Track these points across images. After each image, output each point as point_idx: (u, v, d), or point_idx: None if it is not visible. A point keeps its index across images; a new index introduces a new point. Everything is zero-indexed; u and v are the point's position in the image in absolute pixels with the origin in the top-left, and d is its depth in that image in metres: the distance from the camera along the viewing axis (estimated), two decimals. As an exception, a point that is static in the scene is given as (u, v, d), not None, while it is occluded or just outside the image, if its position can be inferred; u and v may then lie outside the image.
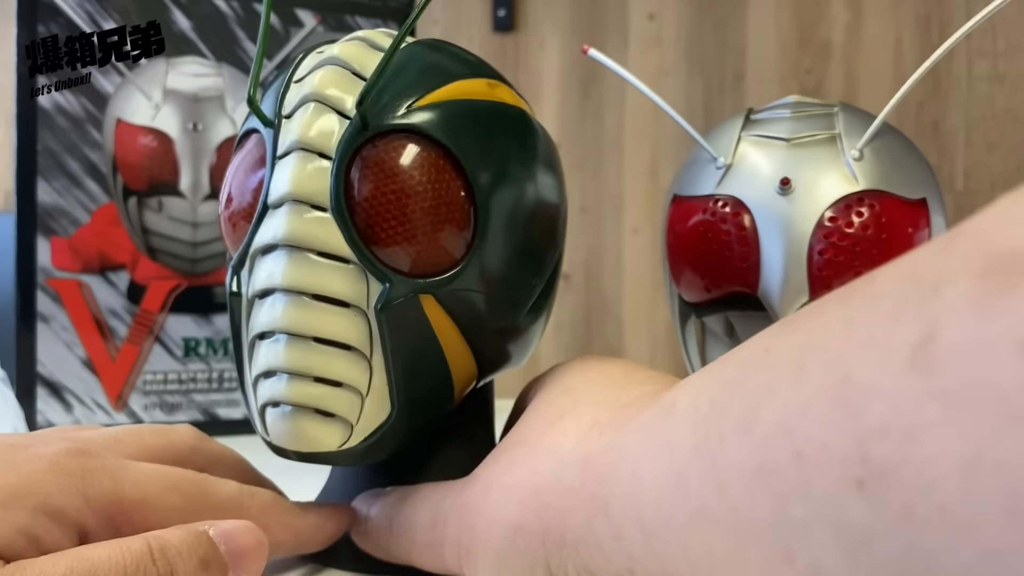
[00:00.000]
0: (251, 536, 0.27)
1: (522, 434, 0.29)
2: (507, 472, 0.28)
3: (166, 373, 0.60)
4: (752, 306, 0.37)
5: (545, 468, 0.27)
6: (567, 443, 0.27)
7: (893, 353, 0.16)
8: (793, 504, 0.17)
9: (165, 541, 0.24)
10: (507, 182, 0.31)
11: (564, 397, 0.30)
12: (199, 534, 0.25)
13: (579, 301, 1.78)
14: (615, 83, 1.75)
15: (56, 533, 0.24)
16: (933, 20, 1.59)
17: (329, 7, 0.63)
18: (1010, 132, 1.56)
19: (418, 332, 0.31)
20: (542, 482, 0.27)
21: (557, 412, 0.29)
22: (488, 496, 0.28)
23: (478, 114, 0.31)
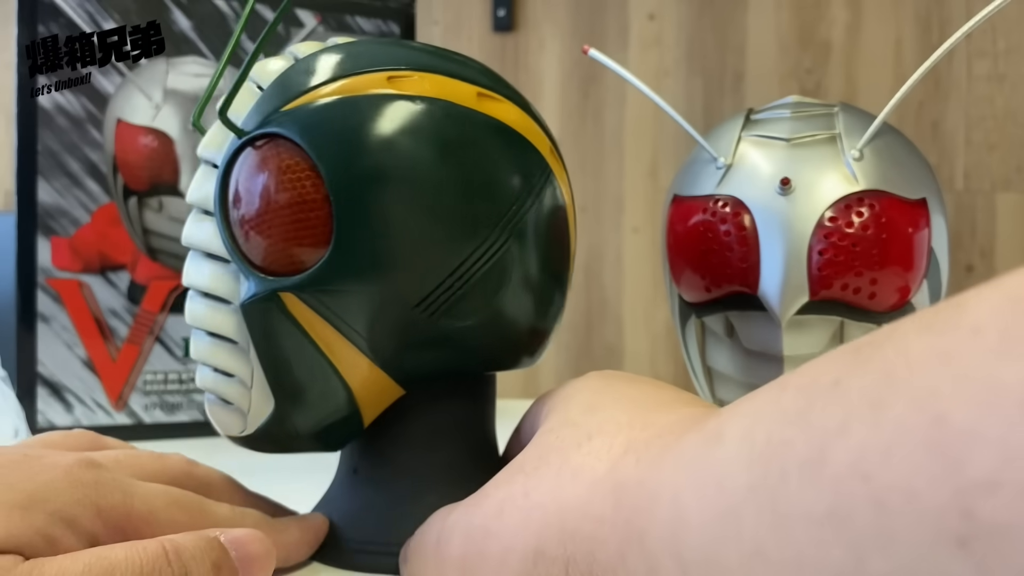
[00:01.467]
0: (260, 544, 0.28)
1: (540, 454, 0.28)
2: (525, 494, 0.27)
3: (166, 373, 0.60)
4: (752, 306, 0.37)
5: (572, 493, 0.25)
6: (599, 467, 0.25)
7: (1002, 395, 0.14)
8: (872, 557, 0.16)
9: (179, 544, 0.26)
10: (377, 180, 0.31)
11: (589, 417, 0.28)
12: (211, 539, 0.27)
13: (579, 301, 1.78)
14: (615, 83, 1.75)
15: (71, 538, 0.25)
16: (933, 20, 1.59)
17: (329, 7, 0.63)
18: (1010, 132, 1.56)
19: (284, 330, 0.32)
20: (568, 507, 0.25)
21: (584, 433, 0.27)
22: (502, 518, 0.27)
23: (350, 113, 0.31)
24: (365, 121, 0.31)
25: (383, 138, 0.31)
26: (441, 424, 0.35)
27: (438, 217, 0.31)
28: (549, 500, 0.26)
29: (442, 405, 0.35)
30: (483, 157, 0.33)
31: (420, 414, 0.35)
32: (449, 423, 0.35)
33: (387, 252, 0.31)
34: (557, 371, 1.74)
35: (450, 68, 0.34)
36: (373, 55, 0.33)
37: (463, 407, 0.36)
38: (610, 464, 0.25)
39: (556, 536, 0.25)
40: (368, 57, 0.33)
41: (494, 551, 0.27)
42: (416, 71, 0.33)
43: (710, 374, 0.41)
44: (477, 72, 0.34)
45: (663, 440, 0.24)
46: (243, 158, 0.32)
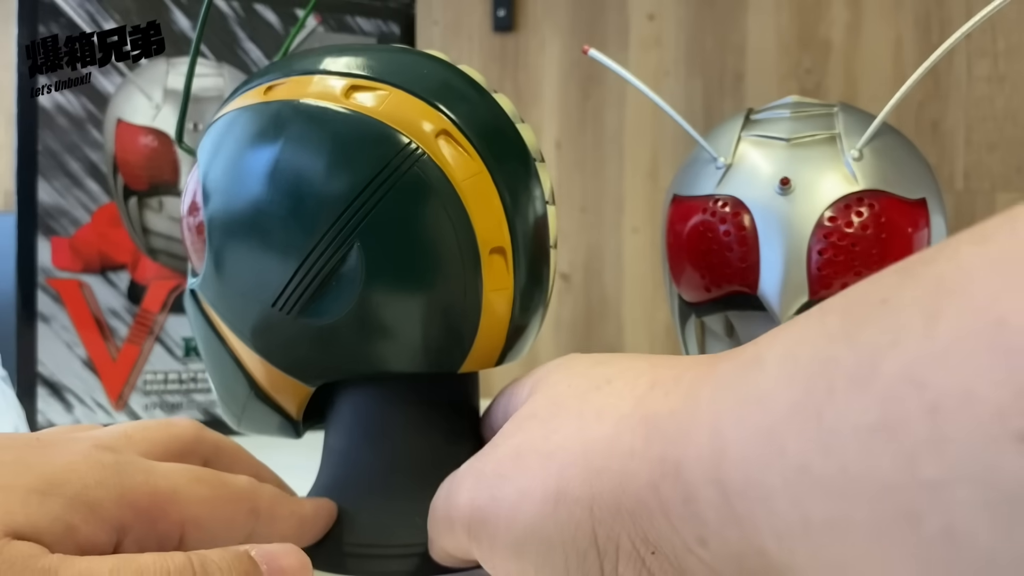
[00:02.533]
0: (294, 557, 0.27)
1: (554, 401, 0.27)
2: (544, 438, 0.26)
3: (166, 373, 0.60)
4: (752, 306, 0.37)
5: (596, 431, 0.24)
6: (623, 405, 0.25)
7: None
8: (924, 462, 0.15)
9: (207, 557, 0.25)
10: (223, 187, 0.33)
11: (601, 368, 0.27)
12: (240, 554, 0.26)
13: (579, 301, 1.78)
14: (615, 83, 1.75)
15: (92, 524, 0.24)
16: (933, 20, 1.59)
17: (329, 7, 0.63)
18: (1010, 132, 1.56)
19: (200, 324, 0.36)
20: (592, 446, 0.24)
21: (601, 377, 0.26)
22: (518, 462, 0.26)
23: (217, 129, 0.35)
24: (222, 136, 0.34)
25: (229, 149, 0.34)
26: (415, 424, 0.35)
27: (272, 218, 0.32)
28: (572, 441, 0.25)
29: (404, 405, 0.35)
30: (318, 154, 0.32)
31: (388, 414, 0.35)
32: (420, 422, 0.35)
33: (236, 255, 0.33)
34: (557, 371, 1.74)
35: (329, 65, 0.33)
36: (276, 66, 0.35)
37: (430, 406, 0.35)
38: (636, 401, 0.24)
39: (580, 475, 0.24)
40: (271, 69, 0.35)
41: (509, 494, 0.26)
42: (293, 76, 0.34)
43: (710, 374, 0.41)
44: (362, 63, 0.33)
45: (693, 372, 0.24)
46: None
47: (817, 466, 0.17)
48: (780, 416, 0.19)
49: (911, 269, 0.18)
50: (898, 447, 0.16)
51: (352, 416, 0.35)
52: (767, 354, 0.20)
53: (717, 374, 0.22)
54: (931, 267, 0.17)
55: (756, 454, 0.19)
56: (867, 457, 0.16)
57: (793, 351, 0.19)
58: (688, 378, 0.23)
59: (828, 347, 0.18)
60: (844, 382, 0.17)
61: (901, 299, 0.17)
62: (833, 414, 0.17)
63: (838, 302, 0.19)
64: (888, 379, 0.16)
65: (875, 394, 0.16)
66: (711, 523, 0.21)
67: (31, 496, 0.23)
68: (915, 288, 0.17)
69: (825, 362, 0.18)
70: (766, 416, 0.19)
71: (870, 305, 0.18)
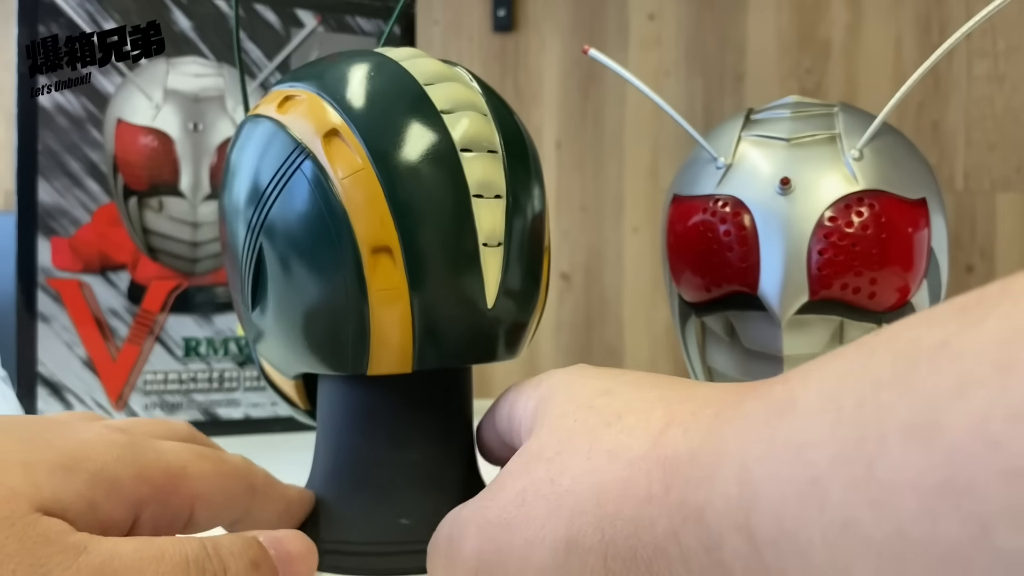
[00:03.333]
0: (300, 542, 0.27)
1: (561, 439, 0.26)
2: (551, 480, 0.25)
3: (166, 373, 0.60)
4: (752, 306, 0.37)
5: (609, 474, 0.23)
6: (637, 445, 0.23)
7: None
8: (1002, 533, 0.14)
9: (218, 542, 0.25)
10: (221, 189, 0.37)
11: (609, 399, 0.26)
12: (249, 539, 0.26)
13: (579, 301, 1.78)
14: (615, 83, 1.75)
15: (113, 501, 0.25)
16: (933, 20, 1.59)
17: (329, 7, 0.63)
18: (1010, 132, 1.56)
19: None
20: (605, 490, 0.23)
21: (612, 412, 0.25)
22: (524, 508, 0.25)
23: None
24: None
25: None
26: (380, 421, 0.35)
27: (228, 220, 0.35)
28: (581, 485, 0.24)
29: (369, 401, 0.35)
30: (239, 162, 0.35)
31: (370, 412, 0.35)
32: (389, 420, 0.35)
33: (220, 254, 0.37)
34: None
35: (288, 78, 0.36)
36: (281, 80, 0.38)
37: (400, 404, 0.35)
38: (651, 440, 0.23)
39: (592, 522, 0.23)
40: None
41: (516, 544, 0.25)
42: (272, 90, 0.36)
43: (710, 374, 0.41)
44: (303, 73, 0.35)
45: (713, 410, 0.22)
46: None
47: (866, 524, 0.16)
48: (822, 468, 0.17)
49: (972, 311, 0.16)
50: (968, 512, 0.15)
51: (322, 409, 0.36)
52: (802, 396, 0.19)
53: (743, 414, 0.21)
54: (997, 311, 0.15)
55: (793, 505, 0.18)
56: (929, 521, 0.15)
57: (835, 396, 0.18)
58: (707, 415, 0.22)
59: (878, 394, 0.17)
60: (899, 434, 0.16)
61: (964, 344, 0.16)
62: (887, 469, 0.16)
63: (885, 341, 0.18)
64: (954, 436, 0.15)
65: (938, 451, 0.15)
66: (736, 573, 0.20)
67: (56, 472, 0.24)
68: (981, 335, 0.15)
69: (876, 410, 0.17)
70: (804, 465, 0.18)
71: (927, 348, 0.16)
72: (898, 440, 0.16)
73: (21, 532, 0.21)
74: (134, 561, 0.23)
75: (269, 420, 0.62)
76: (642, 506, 0.22)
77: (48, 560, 0.21)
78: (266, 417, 0.62)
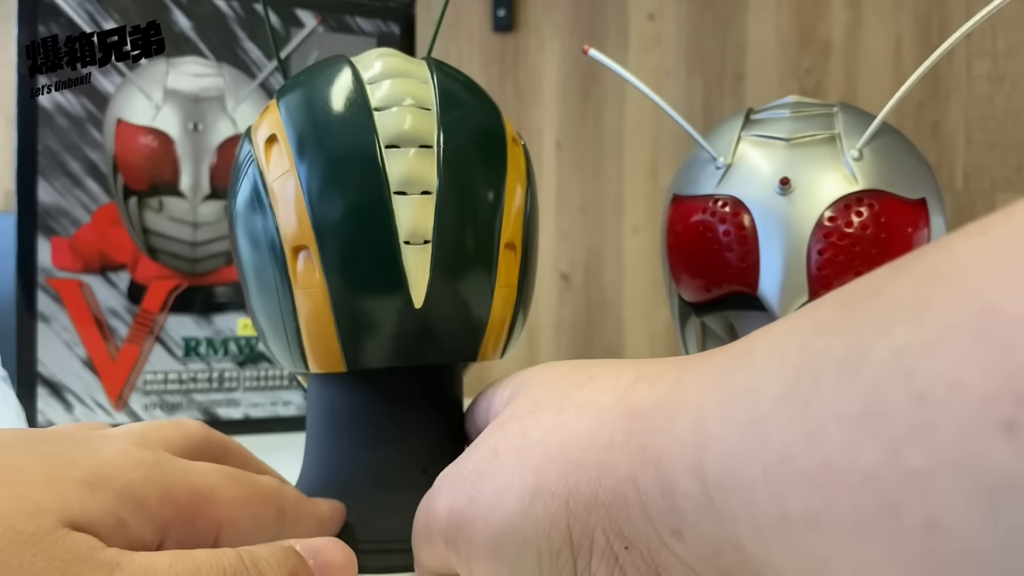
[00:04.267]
0: (339, 551, 0.27)
1: (535, 400, 0.26)
2: (522, 435, 0.25)
3: (166, 373, 0.60)
4: (752, 306, 0.37)
5: (576, 425, 0.24)
6: (605, 398, 0.24)
7: None
8: (908, 452, 0.15)
9: (255, 554, 0.25)
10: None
11: (583, 368, 0.27)
12: (287, 549, 0.26)
13: (579, 301, 1.78)
14: (615, 83, 1.75)
15: (140, 520, 0.24)
16: (933, 20, 1.59)
17: (329, 7, 0.63)
18: (1010, 132, 1.56)
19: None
20: (571, 440, 0.24)
21: (584, 375, 0.26)
22: (496, 461, 0.25)
23: None
24: None
25: None
26: (373, 419, 0.35)
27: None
28: (551, 436, 0.24)
29: (353, 399, 0.35)
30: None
31: (349, 407, 0.35)
32: (371, 416, 0.35)
33: None
34: (557, 371, 1.74)
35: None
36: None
37: (386, 400, 0.35)
38: (618, 394, 0.24)
39: (557, 469, 0.23)
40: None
41: (486, 494, 0.25)
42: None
43: (710, 374, 0.41)
44: (282, 86, 0.37)
45: (679, 367, 0.23)
46: None
47: (799, 458, 0.17)
48: (766, 408, 0.18)
49: (905, 262, 0.17)
50: (882, 437, 0.15)
51: (307, 406, 0.37)
52: (757, 347, 0.20)
53: (705, 367, 0.22)
54: (923, 259, 0.17)
55: (739, 445, 0.19)
56: (851, 448, 0.16)
57: (782, 343, 0.19)
58: (675, 371, 0.23)
59: (818, 338, 0.18)
60: (831, 372, 0.17)
61: (892, 290, 0.17)
62: (819, 405, 0.17)
63: (831, 296, 0.19)
64: (875, 368, 0.16)
65: (862, 384, 0.16)
66: (688, 515, 0.20)
67: (82, 488, 0.23)
68: (907, 279, 0.17)
69: (815, 353, 0.18)
70: (752, 408, 0.19)
71: (861, 296, 0.18)
72: (830, 378, 0.17)
73: (49, 549, 0.20)
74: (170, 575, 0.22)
75: (269, 420, 0.62)
76: (604, 452, 0.23)
77: None
78: (266, 417, 0.62)
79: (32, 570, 0.20)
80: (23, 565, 0.20)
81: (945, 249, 0.16)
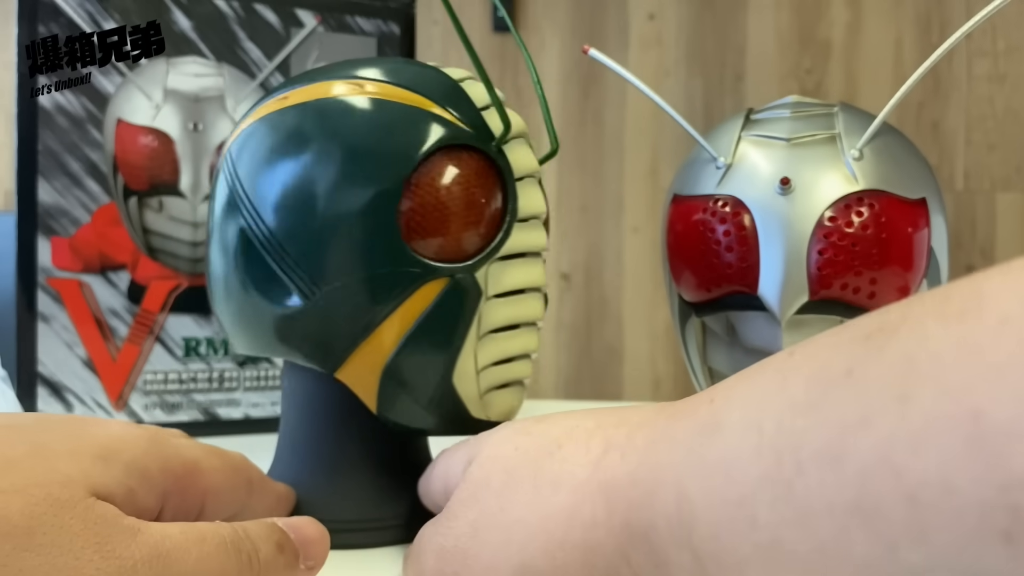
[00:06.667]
0: (315, 528, 0.29)
1: (505, 468, 0.27)
2: (500, 511, 0.26)
3: (166, 373, 0.60)
4: (752, 306, 0.37)
5: (554, 502, 0.25)
6: (579, 471, 0.25)
7: None
8: (905, 549, 0.15)
9: (247, 527, 0.27)
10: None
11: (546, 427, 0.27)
12: (271, 524, 0.28)
13: (579, 301, 1.78)
14: (615, 83, 1.75)
15: (146, 490, 0.26)
16: (933, 20, 1.59)
17: (329, 7, 0.63)
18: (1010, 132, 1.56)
19: None
20: (551, 516, 0.24)
21: (551, 441, 0.26)
22: (478, 538, 0.26)
23: None
24: None
25: None
26: (315, 410, 0.38)
27: None
28: (529, 513, 0.25)
29: (303, 392, 0.38)
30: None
31: (299, 401, 0.39)
32: (318, 410, 0.38)
33: None
34: (557, 371, 1.74)
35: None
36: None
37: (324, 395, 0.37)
38: (591, 466, 0.24)
39: (542, 548, 0.24)
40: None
41: (475, 571, 0.26)
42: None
43: (710, 374, 0.41)
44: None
45: (645, 432, 0.24)
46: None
47: (791, 541, 0.18)
48: (748, 487, 0.19)
49: (874, 338, 0.17)
50: (876, 531, 0.16)
51: (284, 393, 0.40)
52: (726, 418, 0.20)
53: (673, 435, 0.22)
54: (895, 340, 0.17)
55: (726, 523, 0.19)
56: (844, 537, 0.17)
57: (756, 418, 0.19)
58: (641, 439, 0.23)
59: (794, 419, 0.18)
60: (814, 459, 0.17)
61: (866, 374, 0.17)
62: (804, 491, 0.17)
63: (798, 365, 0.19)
64: (862, 461, 0.16)
65: (849, 475, 0.16)
66: None
67: (98, 461, 0.25)
68: (881, 365, 0.17)
69: (792, 435, 0.18)
70: (733, 486, 0.19)
71: (834, 375, 0.18)
72: (813, 464, 0.17)
73: (83, 514, 0.23)
74: (182, 542, 0.24)
75: (269, 420, 0.62)
76: (588, 530, 0.23)
77: (110, 539, 0.23)
78: (266, 417, 0.62)
79: (70, 530, 0.22)
80: (63, 526, 0.22)
81: (918, 333, 0.16)
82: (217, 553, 0.25)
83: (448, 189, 0.34)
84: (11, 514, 0.22)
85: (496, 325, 0.36)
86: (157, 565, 0.24)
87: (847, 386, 0.17)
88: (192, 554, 0.24)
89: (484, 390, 0.36)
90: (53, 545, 0.22)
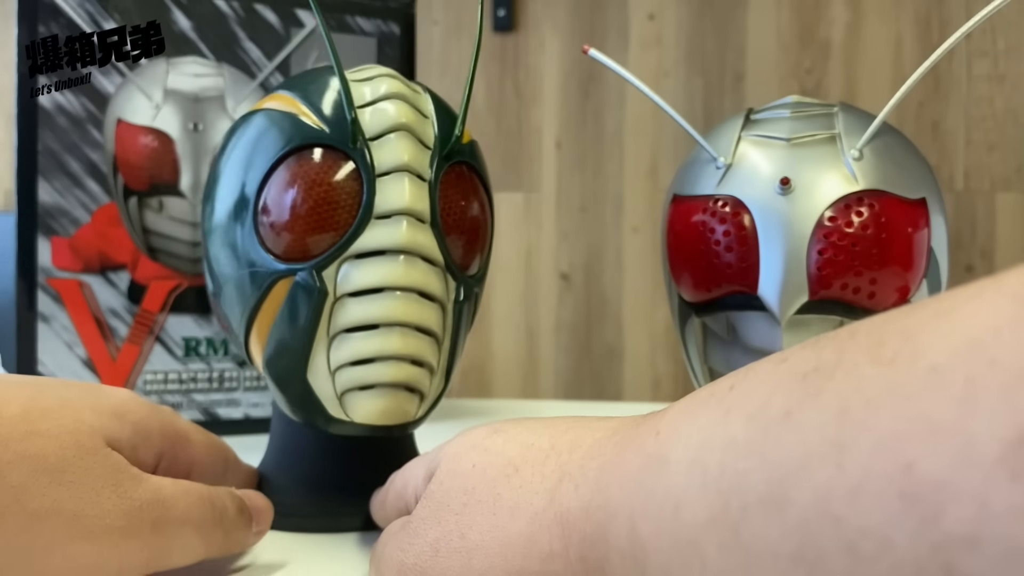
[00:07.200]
0: (263, 500, 0.35)
1: (465, 487, 0.28)
2: (460, 536, 0.27)
3: (166, 373, 0.60)
4: (752, 306, 0.37)
5: (512, 529, 0.25)
6: (536, 500, 0.25)
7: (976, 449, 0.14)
8: None
9: (215, 490, 0.32)
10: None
11: (498, 438, 0.28)
12: (232, 491, 0.33)
13: (579, 301, 1.78)
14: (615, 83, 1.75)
15: (146, 449, 0.31)
16: (933, 20, 1.59)
17: (329, 7, 0.63)
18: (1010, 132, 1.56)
19: (472, 319, 0.41)
20: (510, 545, 0.25)
21: (507, 461, 0.27)
22: (438, 560, 0.27)
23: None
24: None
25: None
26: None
27: None
28: (489, 540, 0.26)
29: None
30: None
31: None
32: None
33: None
34: (557, 371, 1.74)
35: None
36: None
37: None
38: (547, 495, 0.25)
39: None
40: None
41: None
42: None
43: (710, 374, 0.41)
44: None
45: (597, 462, 0.24)
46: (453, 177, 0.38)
47: None
48: (697, 529, 0.19)
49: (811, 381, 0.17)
50: None
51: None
52: (673, 455, 0.21)
53: (623, 469, 0.23)
54: (831, 384, 0.17)
55: (677, 564, 0.20)
56: None
57: (701, 457, 0.20)
58: (593, 469, 0.24)
59: (737, 460, 0.18)
60: (757, 504, 0.17)
61: (804, 417, 0.17)
62: (750, 536, 0.18)
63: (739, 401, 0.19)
64: (802, 509, 0.16)
65: (790, 523, 0.17)
66: None
67: (112, 418, 0.30)
68: (817, 409, 0.17)
69: (735, 476, 0.18)
70: (683, 528, 0.19)
71: (773, 417, 0.18)
72: (757, 508, 0.17)
73: (104, 460, 0.28)
74: (173, 492, 0.30)
75: (269, 420, 0.62)
76: (546, 562, 0.24)
77: (122, 484, 0.28)
78: (266, 417, 0.62)
79: (92, 472, 0.27)
80: (87, 468, 0.27)
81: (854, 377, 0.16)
82: (200, 504, 0.30)
83: (294, 189, 0.36)
84: (48, 454, 0.26)
85: (348, 325, 0.35)
86: (158, 507, 0.29)
87: (786, 429, 0.17)
88: (182, 502, 0.30)
89: (341, 391, 0.36)
90: (79, 483, 0.27)
